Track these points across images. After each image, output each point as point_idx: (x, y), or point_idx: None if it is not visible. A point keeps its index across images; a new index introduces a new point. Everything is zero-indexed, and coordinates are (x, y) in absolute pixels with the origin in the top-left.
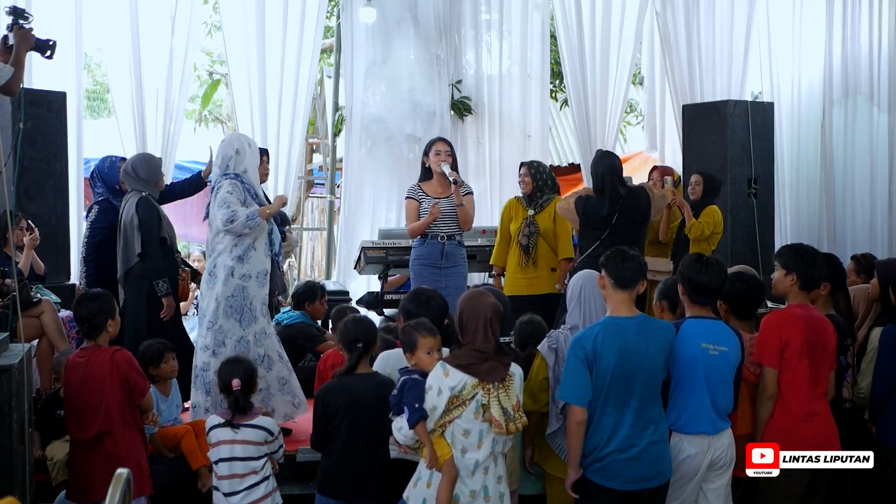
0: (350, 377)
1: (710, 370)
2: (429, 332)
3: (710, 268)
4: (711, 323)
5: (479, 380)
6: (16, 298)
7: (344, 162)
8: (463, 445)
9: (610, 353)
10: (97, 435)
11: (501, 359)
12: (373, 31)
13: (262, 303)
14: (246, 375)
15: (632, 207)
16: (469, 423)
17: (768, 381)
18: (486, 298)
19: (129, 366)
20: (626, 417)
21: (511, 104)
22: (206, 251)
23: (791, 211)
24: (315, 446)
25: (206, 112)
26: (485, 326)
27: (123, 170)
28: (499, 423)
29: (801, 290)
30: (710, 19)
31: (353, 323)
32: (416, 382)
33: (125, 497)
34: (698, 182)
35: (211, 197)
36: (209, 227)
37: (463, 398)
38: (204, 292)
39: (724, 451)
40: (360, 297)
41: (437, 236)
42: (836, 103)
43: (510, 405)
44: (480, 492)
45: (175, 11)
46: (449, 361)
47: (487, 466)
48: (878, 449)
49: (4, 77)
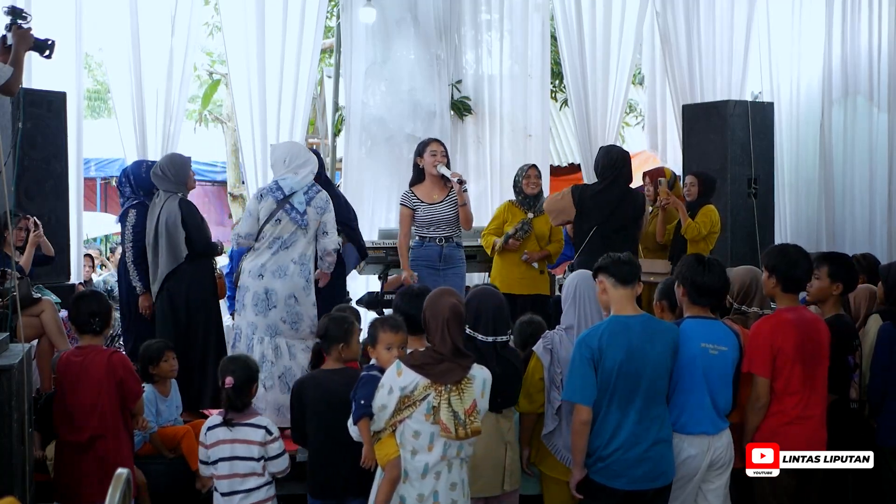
0: (321, 372)
1: (710, 370)
2: (391, 328)
3: (711, 269)
4: (710, 323)
5: (432, 381)
6: (16, 298)
7: (344, 162)
8: (413, 447)
9: (616, 352)
10: (90, 438)
11: (459, 361)
12: (373, 31)
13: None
14: (243, 374)
15: (631, 204)
16: (419, 424)
17: (760, 391)
18: (446, 299)
19: (125, 369)
20: (630, 417)
21: (511, 104)
22: (276, 251)
23: (791, 211)
24: (296, 441)
25: (206, 112)
26: (443, 327)
27: (153, 172)
28: (447, 427)
29: (785, 292)
30: (710, 19)
31: (328, 320)
32: (371, 379)
33: (125, 497)
34: (693, 183)
35: (305, 199)
36: (301, 231)
37: (413, 399)
38: (302, 299)
39: (723, 451)
40: (359, 297)
41: (436, 239)
42: (836, 103)
43: (462, 409)
44: (430, 496)
45: (175, 11)
46: (404, 361)
47: (439, 471)
48: (877, 448)
49: (4, 77)
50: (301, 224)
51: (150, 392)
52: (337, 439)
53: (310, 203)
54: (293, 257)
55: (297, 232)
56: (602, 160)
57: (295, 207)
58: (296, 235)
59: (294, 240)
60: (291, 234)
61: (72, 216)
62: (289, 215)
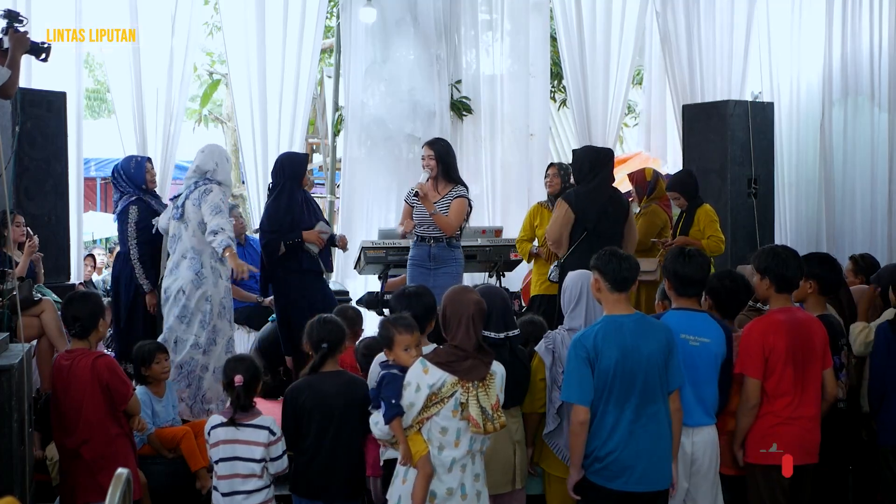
0: (317, 376)
1: (690, 361)
2: (406, 329)
3: (692, 260)
4: (693, 314)
5: (459, 378)
6: (16, 298)
7: (343, 162)
8: (440, 443)
9: (611, 351)
10: (79, 442)
11: (483, 357)
12: (372, 31)
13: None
14: (249, 374)
15: (618, 202)
16: (447, 420)
17: (751, 392)
18: (470, 295)
19: (110, 373)
20: (626, 415)
21: (510, 104)
22: (174, 249)
23: (791, 211)
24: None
25: (206, 112)
26: (467, 323)
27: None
28: (476, 422)
29: (778, 293)
30: (710, 19)
31: (319, 324)
32: (394, 377)
33: (125, 497)
34: (677, 197)
35: (183, 197)
36: (182, 226)
37: (441, 396)
38: (188, 291)
39: (704, 448)
40: (359, 297)
41: (426, 239)
42: (836, 103)
43: (489, 404)
44: (458, 489)
45: (175, 11)
46: (429, 359)
47: (465, 464)
48: (877, 448)
49: (1, 79)
50: (176, 217)
51: (144, 394)
52: (333, 442)
53: (188, 197)
54: (182, 252)
55: (179, 227)
56: (587, 158)
57: (175, 205)
58: (178, 230)
59: (179, 235)
60: (175, 230)
61: (72, 216)
62: (172, 213)
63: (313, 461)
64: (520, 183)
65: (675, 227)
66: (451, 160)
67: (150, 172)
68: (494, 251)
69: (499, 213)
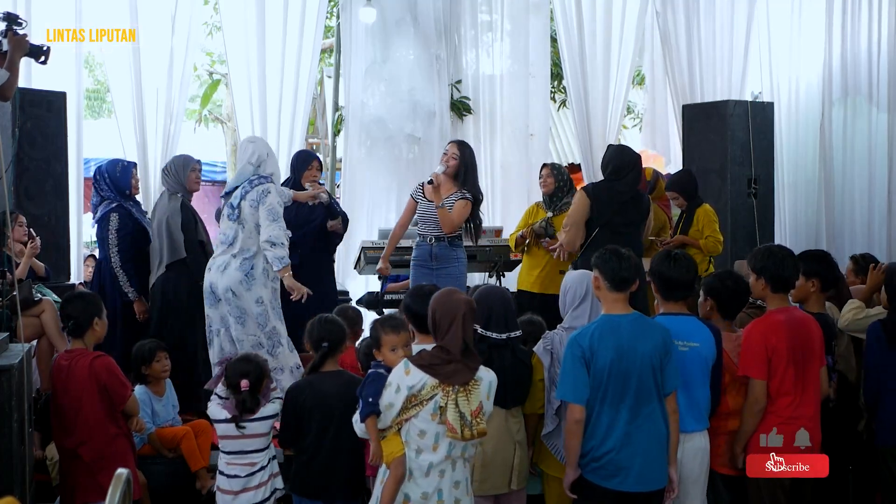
0: (317, 376)
1: (681, 366)
2: (392, 329)
3: (678, 263)
4: (681, 319)
5: (440, 381)
6: (16, 298)
7: (343, 162)
8: (418, 446)
9: (606, 351)
10: (77, 443)
11: (468, 362)
12: (372, 31)
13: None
14: (255, 375)
15: (640, 203)
16: (425, 423)
17: (758, 394)
18: (458, 296)
19: (108, 373)
20: (622, 415)
21: (510, 104)
22: (223, 248)
23: (791, 211)
24: (283, 443)
25: (206, 112)
26: (455, 325)
27: (163, 169)
28: (453, 427)
29: (774, 293)
30: (710, 19)
31: (320, 323)
32: (377, 377)
33: (125, 497)
34: (675, 196)
35: (238, 197)
36: (238, 227)
37: (420, 398)
38: (239, 292)
39: (694, 455)
40: (359, 297)
41: (427, 237)
42: (836, 103)
43: (469, 410)
44: (433, 495)
45: (175, 11)
46: (413, 360)
47: (444, 470)
48: (875, 448)
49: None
50: (232, 218)
51: (144, 393)
52: (333, 442)
53: (244, 197)
54: (234, 252)
55: (235, 227)
56: (616, 159)
57: (230, 203)
58: (233, 230)
59: (233, 235)
60: (229, 230)
61: (72, 216)
62: (226, 212)
63: (313, 461)
64: (519, 183)
65: (675, 227)
66: (472, 169)
67: (136, 178)
68: (494, 251)
69: (499, 213)
